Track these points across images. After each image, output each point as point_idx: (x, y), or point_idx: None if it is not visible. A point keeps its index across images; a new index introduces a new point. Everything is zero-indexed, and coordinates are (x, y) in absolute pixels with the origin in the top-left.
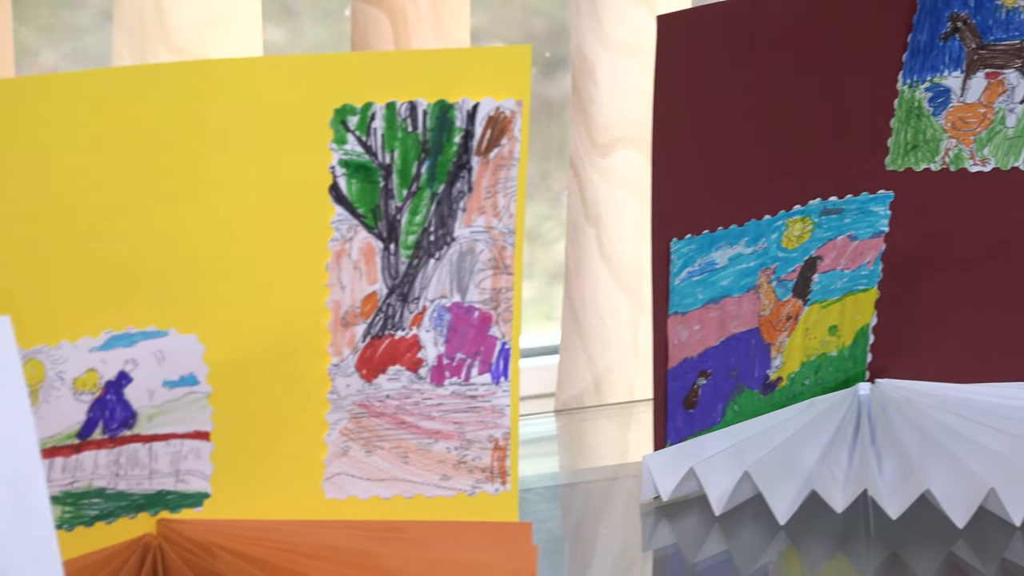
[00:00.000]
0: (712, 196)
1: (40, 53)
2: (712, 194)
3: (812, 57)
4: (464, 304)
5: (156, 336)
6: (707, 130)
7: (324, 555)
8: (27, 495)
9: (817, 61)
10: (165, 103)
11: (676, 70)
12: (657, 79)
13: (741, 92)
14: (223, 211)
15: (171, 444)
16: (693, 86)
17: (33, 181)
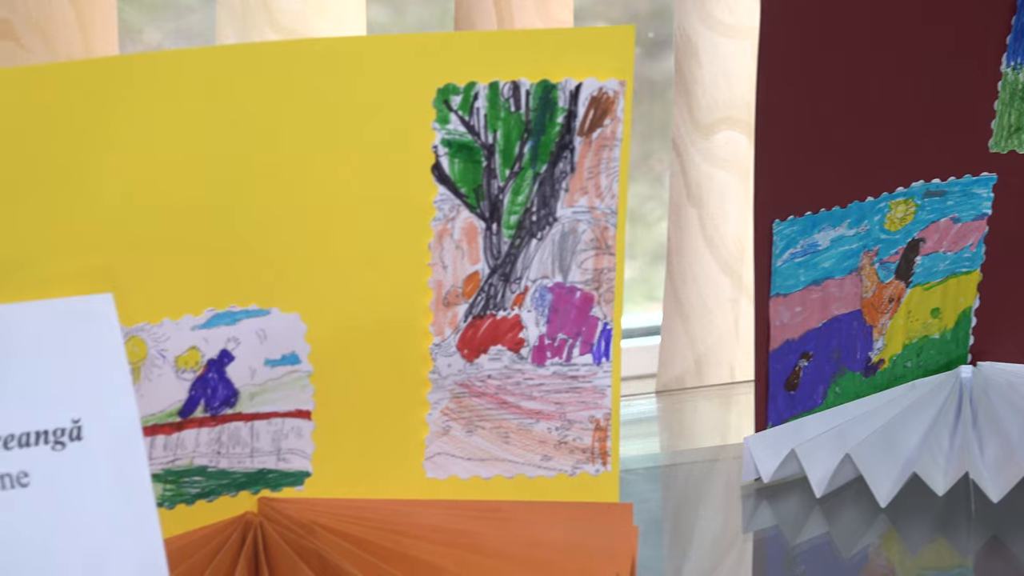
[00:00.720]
0: (815, 178)
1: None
2: (815, 176)
3: (916, 39)
4: (566, 284)
5: (258, 315)
6: (810, 112)
7: (424, 534)
8: (129, 473)
9: (921, 43)
10: (269, 82)
11: (780, 51)
12: (761, 60)
13: (844, 74)
14: (326, 190)
15: (273, 423)
16: (796, 67)
17: (137, 159)
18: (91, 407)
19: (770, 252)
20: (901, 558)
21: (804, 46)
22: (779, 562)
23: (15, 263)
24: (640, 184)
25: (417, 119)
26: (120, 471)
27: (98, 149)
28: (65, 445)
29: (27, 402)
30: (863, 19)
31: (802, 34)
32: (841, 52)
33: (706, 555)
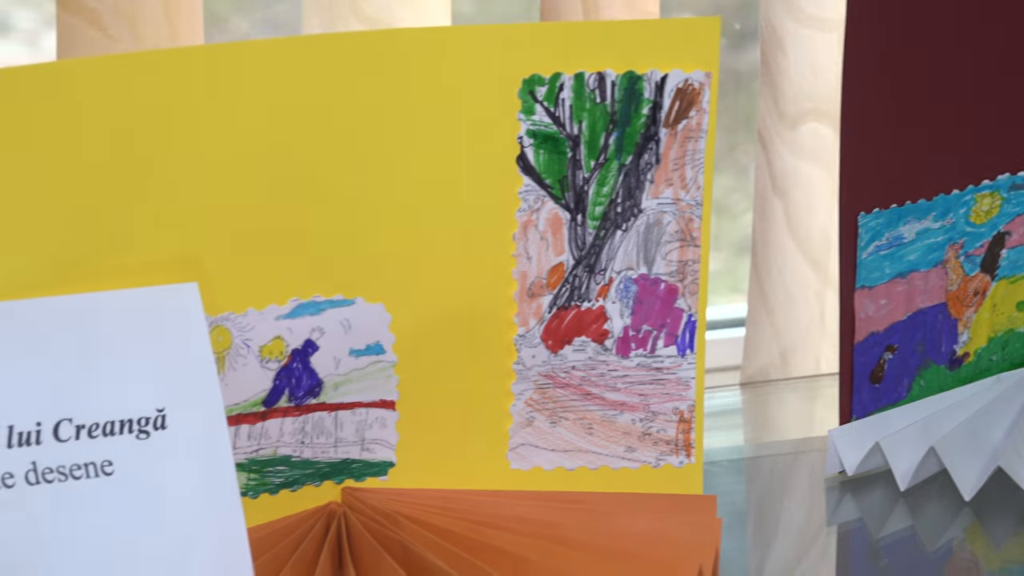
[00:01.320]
0: (901, 170)
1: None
2: (901, 168)
3: (1000, 32)
4: (651, 276)
5: (343, 304)
6: (896, 104)
7: (508, 525)
8: (213, 462)
9: (1005, 36)
10: (354, 73)
11: (865, 42)
12: (847, 52)
13: (929, 66)
14: (411, 180)
15: (357, 413)
16: (882, 59)
17: (222, 148)
18: (176, 396)
19: (855, 245)
20: (985, 552)
21: (889, 38)
22: (863, 555)
23: (101, 251)
24: (725, 176)
25: (502, 110)
26: (204, 461)
27: (183, 138)
28: (149, 434)
29: (111, 391)
30: (948, 11)
31: (887, 26)
32: (926, 44)
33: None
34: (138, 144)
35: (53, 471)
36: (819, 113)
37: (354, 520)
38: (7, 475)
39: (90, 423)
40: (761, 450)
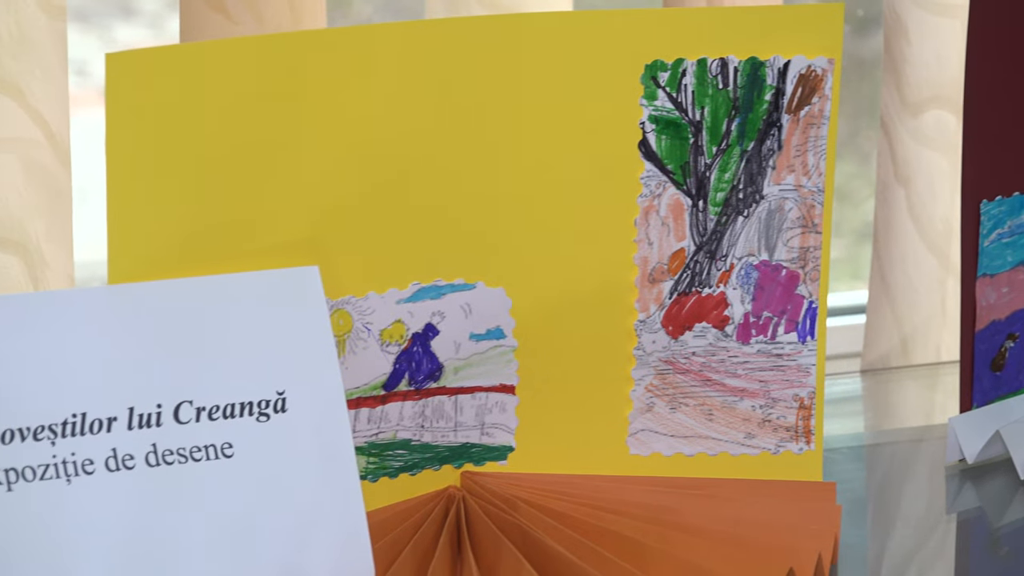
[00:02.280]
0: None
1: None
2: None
3: None
4: (772, 262)
5: (464, 289)
6: (1020, 91)
7: (626, 511)
8: (332, 446)
9: None
10: (478, 56)
11: (989, 29)
12: (970, 38)
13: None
14: (533, 165)
15: (477, 397)
16: (1006, 46)
17: (344, 133)
18: (296, 379)
19: (977, 232)
20: None
21: (1013, 25)
22: (982, 543)
23: (226, 235)
24: (847, 162)
25: (624, 95)
26: (324, 444)
27: (305, 122)
28: (269, 417)
29: (232, 374)
30: None
31: (1011, 12)
32: None
33: (909, 535)
34: (260, 128)
35: (173, 453)
36: (942, 100)
37: (473, 504)
38: (127, 456)
39: (211, 405)
40: (881, 437)
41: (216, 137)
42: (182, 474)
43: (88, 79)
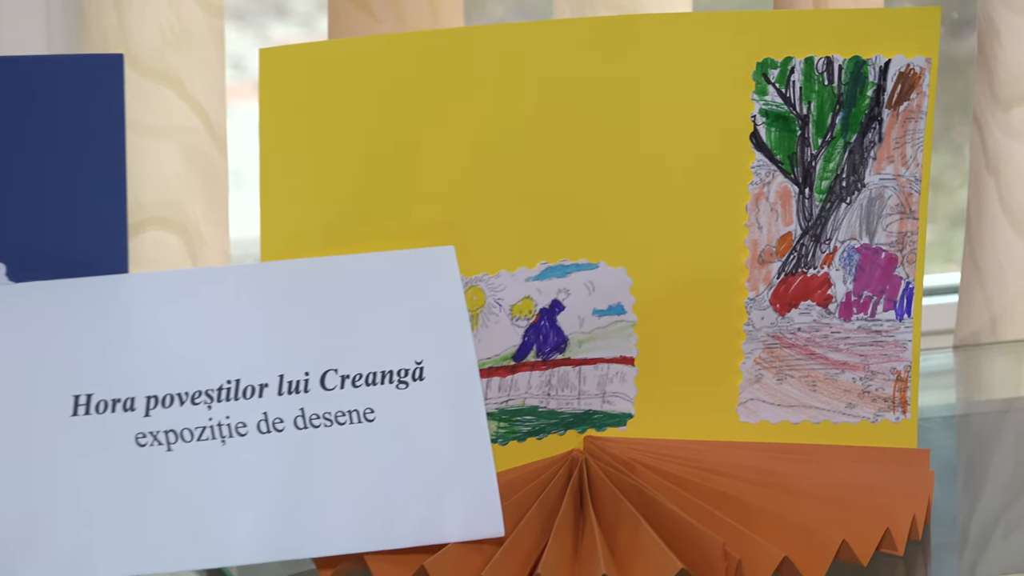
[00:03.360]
0: None
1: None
2: None
3: None
4: (872, 246)
5: (587, 268)
6: None
7: (735, 473)
8: (466, 412)
9: None
10: (601, 53)
11: None
12: None
13: None
14: (652, 155)
15: (599, 368)
16: None
17: (478, 125)
18: (433, 350)
19: None
20: None
21: None
22: None
23: (367, 217)
24: (941, 154)
25: (737, 90)
26: (458, 410)
27: (442, 113)
28: (408, 385)
29: (374, 344)
30: None
31: None
32: None
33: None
34: (401, 119)
35: (319, 417)
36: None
37: (595, 467)
38: (277, 420)
39: (354, 373)
40: (971, 408)
41: (360, 126)
42: (327, 436)
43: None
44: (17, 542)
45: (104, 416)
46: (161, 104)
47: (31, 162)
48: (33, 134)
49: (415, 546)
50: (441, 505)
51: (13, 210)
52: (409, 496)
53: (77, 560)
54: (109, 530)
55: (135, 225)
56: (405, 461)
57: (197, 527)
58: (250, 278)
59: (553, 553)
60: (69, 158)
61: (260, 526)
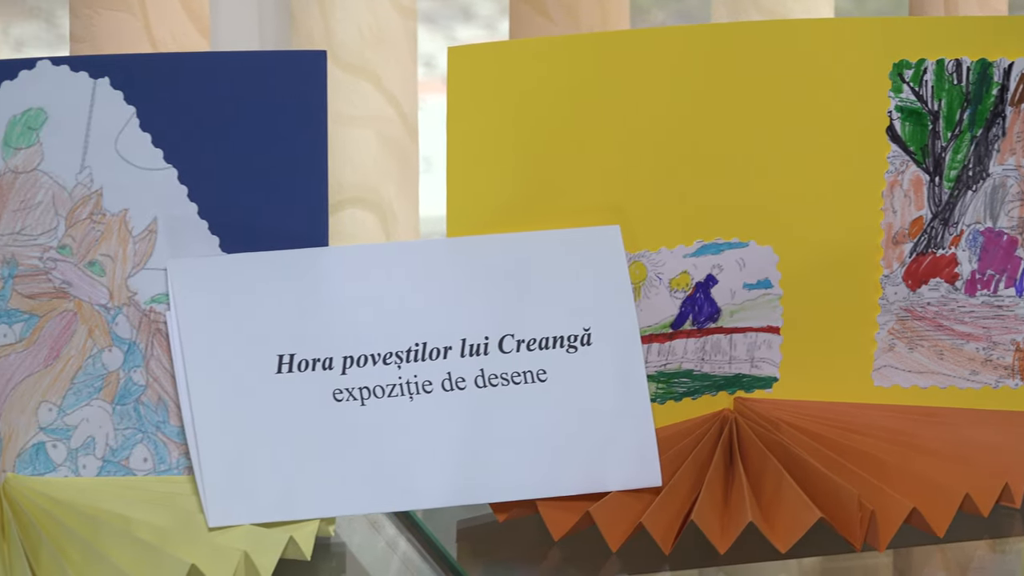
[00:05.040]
0: None
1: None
2: None
3: None
4: (995, 229)
5: (739, 246)
6: None
7: (870, 432)
8: (628, 374)
9: None
10: (753, 53)
11: None
12: None
13: None
14: (797, 146)
15: (748, 336)
16: None
17: (642, 117)
18: (599, 318)
19: None
20: None
21: None
22: None
23: (543, 199)
24: None
25: (876, 89)
26: (622, 372)
27: (610, 107)
28: (577, 349)
29: (546, 312)
30: None
31: None
32: None
33: None
34: (576, 112)
35: (497, 377)
36: None
37: (743, 425)
38: (460, 379)
39: (529, 338)
40: None
41: (537, 117)
42: (504, 395)
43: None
44: (230, 484)
45: (305, 374)
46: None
47: (243, 146)
48: (245, 121)
49: (580, 494)
50: (605, 457)
51: (226, 189)
52: (576, 449)
53: (281, 502)
54: (309, 475)
55: (335, 204)
56: (573, 417)
57: (387, 474)
58: (437, 252)
59: (705, 502)
60: (277, 143)
61: (443, 474)
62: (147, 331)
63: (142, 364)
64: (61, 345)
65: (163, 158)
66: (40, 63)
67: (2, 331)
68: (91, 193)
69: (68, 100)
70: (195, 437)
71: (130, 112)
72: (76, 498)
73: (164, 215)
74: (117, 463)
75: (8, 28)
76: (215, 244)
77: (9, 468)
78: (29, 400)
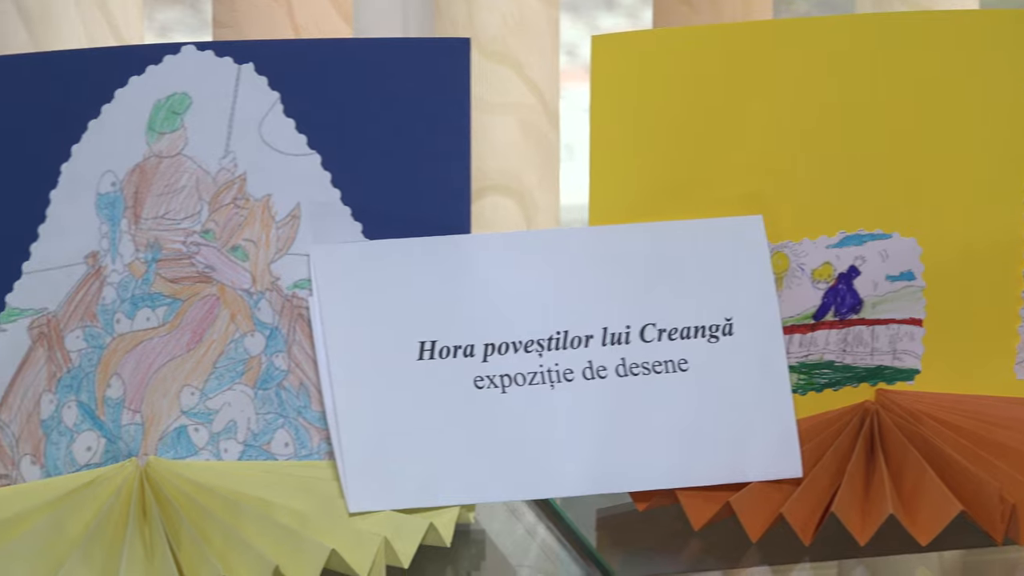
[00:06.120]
0: None
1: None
2: None
3: None
4: None
5: (882, 238)
6: None
7: (1012, 425)
8: (770, 364)
9: None
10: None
11: None
12: None
13: None
14: (942, 139)
15: (890, 328)
16: None
17: (785, 108)
18: (741, 308)
19: None
20: None
21: None
22: None
23: (686, 188)
24: None
25: (1019, 81)
26: (763, 362)
27: (754, 97)
28: (719, 339)
29: (688, 302)
30: None
31: None
32: None
33: None
34: (719, 102)
35: (638, 366)
36: None
37: (885, 417)
38: (601, 368)
39: (670, 328)
40: None
41: (680, 107)
42: (645, 383)
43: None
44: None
45: (446, 361)
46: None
47: (386, 132)
48: (389, 107)
49: (720, 484)
50: (746, 447)
51: (369, 175)
52: (717, 438)
53: (421, 488)
54: (449, 462)
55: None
56: (714, 407)
57: (527, 462)
58: (579, 240)
59: (846, 493)
60: (420, 129)
61: (583, 462)
62: (289, 316)
63: (284, 349)
64: (204, 329)
65: (307, 144)
66: (185, 48)
67: (145, 315)
68: (235, 178)
69: (212, 85)
70: (336, 422)
71: (274, 97)
72: (217, 482)
73: (307, 201)
74: (258, 447)
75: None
76: (358, 230)
77: (151, 451)
78: (171, 384)
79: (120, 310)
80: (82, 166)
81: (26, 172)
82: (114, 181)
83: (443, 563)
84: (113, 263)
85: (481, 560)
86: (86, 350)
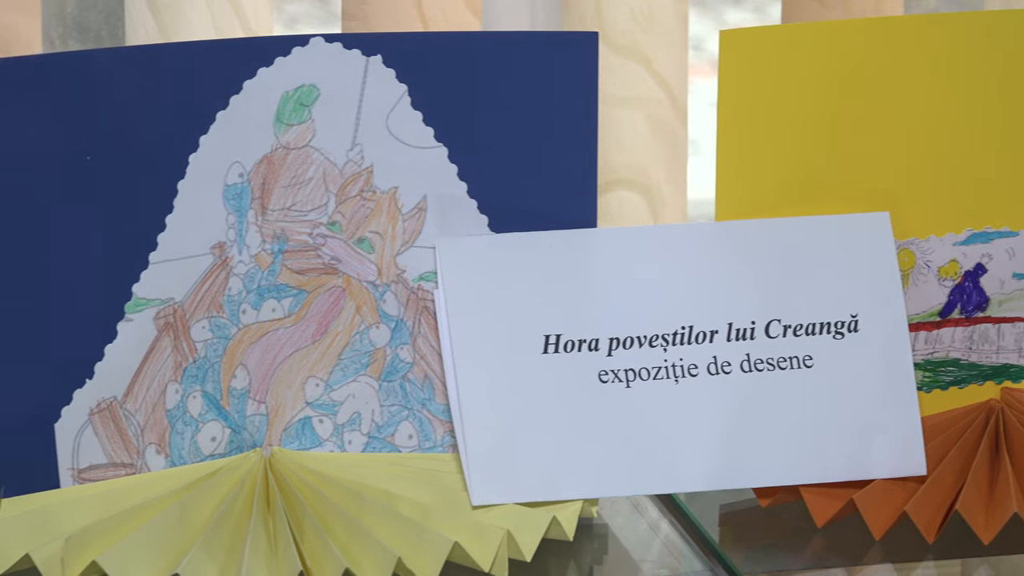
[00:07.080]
0: None
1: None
2: None
3: None
4: None
5: (1009, 235)
6: None
7: None
8: (895, 362)
9: None
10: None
11: None
12: None
13: None
14: None
15: (1016, 326)
16: None
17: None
18: (867, 305)
19: None
20: None
21: None
22: None
23: (813, 184)
24: None
25: None
26: (888, 359)
27: (883, 93)
28: (844, 335)
29: (813, 298)
30: None
31: None
32: None
33: None
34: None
35: (763, 362)
36: None
37: (1010, 415)
38: (725, 363)
39: (795, 324)
40: None
41: (808, 103)
42: (770, 380)
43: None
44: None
45: (571, 355)
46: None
47: (513, 126)
48: (516, 101)
49: (845, 480)
50: (870, 444)
51: (496, 169)
52: (841, 435)
53: (545, 482)
54: (573, 456)
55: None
56: (838, 403)
57: (651, 456)
58: (705, 235)
59: (970, 491)
60: (547, 123)
61: (706, 457)
62: (415, 309)
63: (409, 341)
64: (329, 321)
65: (434, 136)
66: (313, 40)
67: (271, 306)
68: (362, 170)
69: (340, 77)
70: (460, 415)
71: (402, 90)
72: (340, 473)
73: (434, 193)
74: (382, 439)
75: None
76: (484, 223)
77: (275, 442)
78: (296, 375)
79: (246, 301)
80: (210, 157)
81: (155, 162)
82: (241, 172)
83: (565, 557)
84: (240, 254)
85: (603, 554)
86: (212, 340)
